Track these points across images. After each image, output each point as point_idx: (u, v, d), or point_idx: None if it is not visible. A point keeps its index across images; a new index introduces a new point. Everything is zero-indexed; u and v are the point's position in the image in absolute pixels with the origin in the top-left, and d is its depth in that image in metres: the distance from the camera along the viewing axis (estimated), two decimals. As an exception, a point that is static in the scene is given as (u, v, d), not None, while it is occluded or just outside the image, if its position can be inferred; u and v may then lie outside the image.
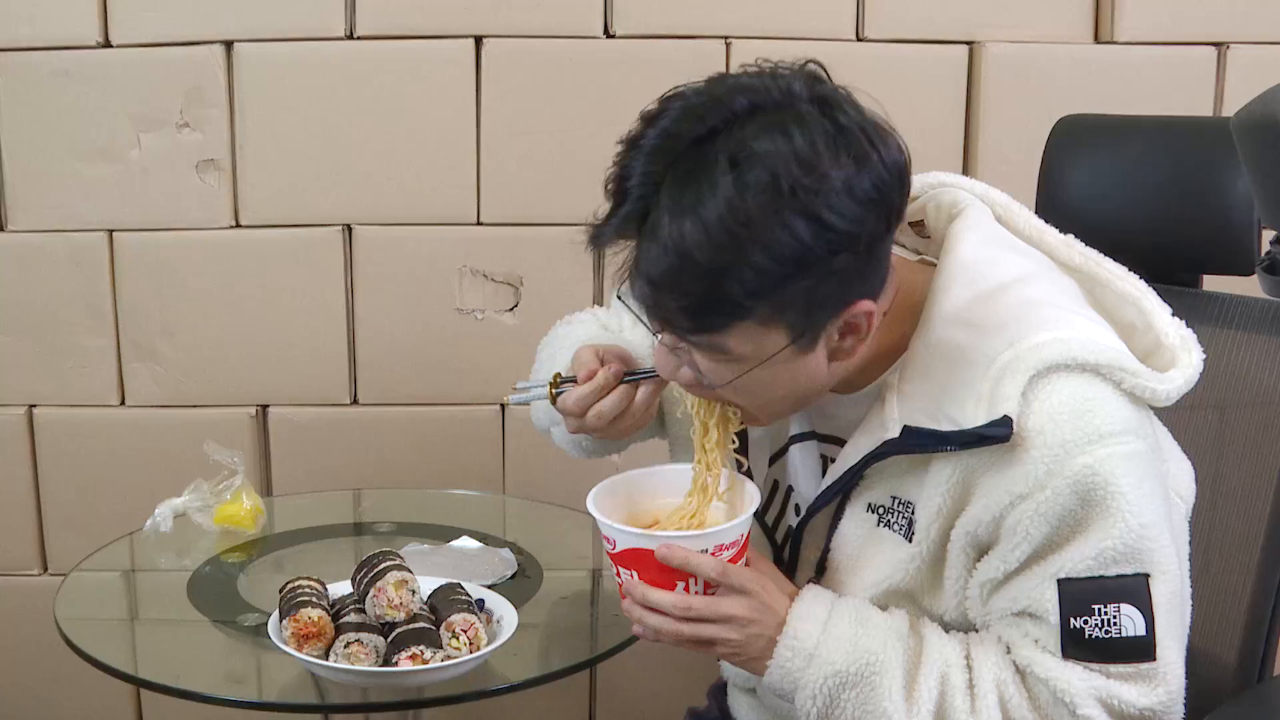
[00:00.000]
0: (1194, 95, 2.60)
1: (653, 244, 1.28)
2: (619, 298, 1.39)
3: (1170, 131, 1.88)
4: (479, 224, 2.61)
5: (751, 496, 1.45)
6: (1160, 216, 1.81)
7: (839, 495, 1.46)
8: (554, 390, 1.54)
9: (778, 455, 1.58)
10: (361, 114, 2.56)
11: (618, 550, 1.41)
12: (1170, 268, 1.53)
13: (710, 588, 1.40)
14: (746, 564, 1.43)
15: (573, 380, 1.53)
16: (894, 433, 1.38)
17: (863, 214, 1.26)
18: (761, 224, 1.24)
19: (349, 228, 2.60)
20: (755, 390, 1.37)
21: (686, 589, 1.39)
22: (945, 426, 1.35)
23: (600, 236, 1.33)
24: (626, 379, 1.52)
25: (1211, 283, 1.87)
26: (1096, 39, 2.62)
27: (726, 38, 2.55)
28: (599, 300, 2.61)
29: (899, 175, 1.30)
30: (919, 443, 1.36)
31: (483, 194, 2.59)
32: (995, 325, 1.36)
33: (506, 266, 2.61)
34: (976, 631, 1.43)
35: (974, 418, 1.33)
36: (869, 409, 1.44)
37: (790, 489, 1.57)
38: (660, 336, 1.38)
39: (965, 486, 1.37)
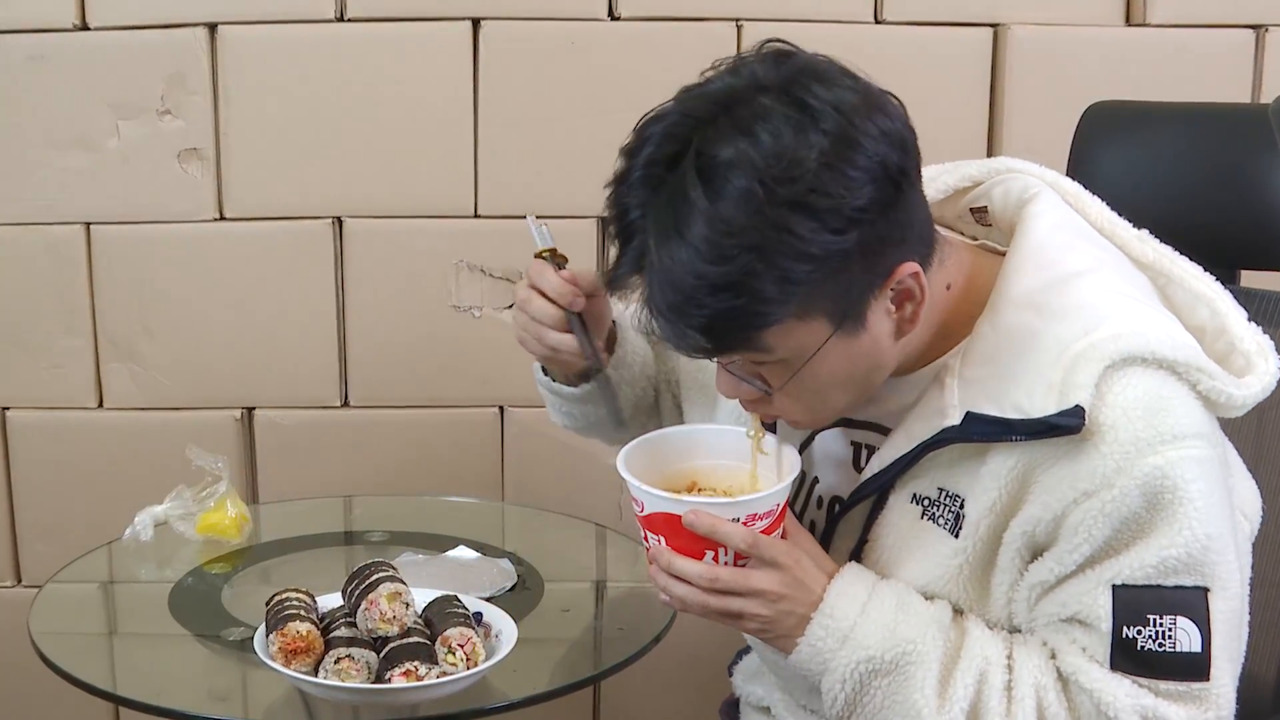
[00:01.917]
0: (1231, 80, 2.59)
1: (651, 276, 1.29)
2: (647, 336, 1.40)
3: (1206, 118, 1.88)
4: (476, 216, 2.61)
5: (791, 464, 1.45)
6: (1195, 208, 1.81)
7: (883, 485, 1.46)
8: (541, 254, 1.64)
9: (805, 443, 1.57)
10: (353, 101, 2.56)
11: (646, 513, 1.41)
12: (1205, 262, 1.53)
13: (741, 558, 1.39)
14: (783, 535, 1.42)
15: (558, 264, 1.63)
16: (954, 419, 1.37)
17: (855, 186, 1.26)
18: (749, 230, 1.24)
19: (339, 220, 2.60)
20: (818, 386, 1.37)
21: (716, 558, 1.39)
22: (1011, 414, 1.34)
23: (616, 280, 1.34)
24: (572, 315, 1.60)
25: (1249, 278, 1.87)
26: (1128, 21, 2.61)
27: (738, 20, 2.55)
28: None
29: (890, 137, 1.29)
30: (983, 431, 1.35)
31: (480, 185, 2.60)
32: (1069, 311, 1.35)
33: (505, 261, 2.61)
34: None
35: (1043, 407, 1.32)
36: (923, 393, 1.43)
37: (815, 479, 1.57)
38: (721, 360, 1.39)
39: (1024, 481, 1.36)
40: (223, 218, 2.59)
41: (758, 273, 1.25)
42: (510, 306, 2.57)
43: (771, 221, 1.24)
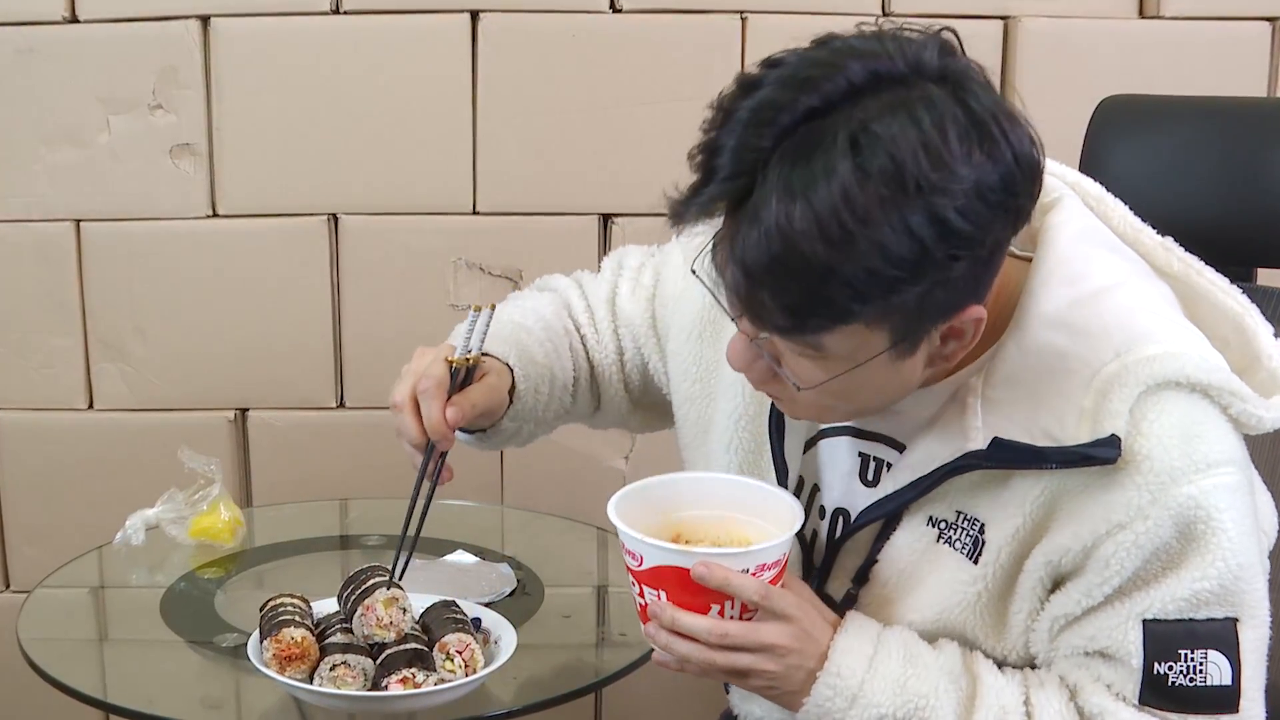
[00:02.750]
0: (1246, 73, 2.59)
1: (753, 229, 1.21)
2: (693, 272, 1.34)
3: (1221, 113, 1.88)
4: (475, 213, 2.61)
5: (794, 512, 1.42)
6: (1210, 204, 1.80)
7: (898, 506, 1.43)
8: (450, 361, 1.57)
9: (808, 446, 1.55)
10: (349, 95, 2.56)
11: (644, 567, 1.38)
12: (1221, 260, 1.53)
13: (746, 612, 1.37)
14: (783, 587, 1.39)
15: (464, 374, 1.56)
16: (978, 443, 1.35)
17: (991, 218, 1.22)
18: (879, 221, 1.18)
19: (335, 217, 2.60)
20: (838, 394, 1.33)
21: (721, 612, 1.36)
22: (1041, 441, 1.32)
23: (685, 212, 1.25)
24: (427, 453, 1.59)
25: (1266, 277, 1.86)
26: (1141, 14, 2.61)
27: (742, 13, 2.55)
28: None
29: (1031, 172, 1.25)
30: (1013, 458, 1.33)
31: (479, 181, 2.60)
32: (1099, 331, 1.33)
33: (505, 259, 2.61)
34: (1036, 668, 1.41)
35: (1075, 434, 1.30)
36: (940, 411, 1.40)
37: (815, 487, 1.55)
38: (739, 324, 1.33)
39: (1050, 509, 1.34)
40: (215, 214, 2.59)
41: (871, 270, 1.20)
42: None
43: (906, 225, 1.18)
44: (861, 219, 1.18)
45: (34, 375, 2.63)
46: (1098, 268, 1.39)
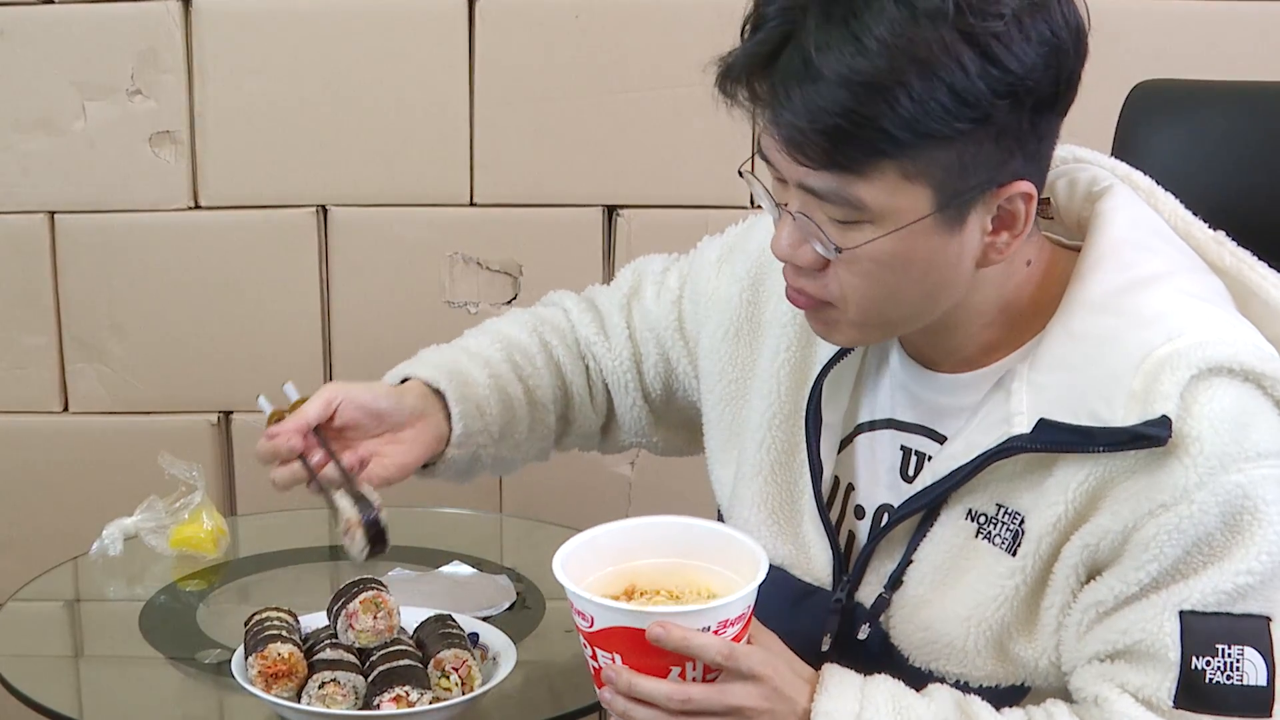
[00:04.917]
0: (1288, 57, 2.59)
1: (796, 55, 1.28)
2: (740, 173, 1.41)
3: (1261, 98, 1.88)
4: (472, 205, 2.61)
5: (757, 562, 1.38)
6: (1251, 194, 1.80)
7: (936, 498, 1.44)
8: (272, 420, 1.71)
9: (844, 443, 1.55)
10: (338, 79, 2.56)
11: (595, 629, 1.35)
12: (1259, 251, 1.53)
13: (711, 671, 1.34)
14: (749, 642, 1.37)
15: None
16: (1023, 428, 1.36)
17: (1033, 60, 1.28)
18: (923, 45, 1.25)
19: (324, 209, 2.60)
20: (882, 271, 1.34)
21: (683, 674, 1.33)
22: (1087, 424, 1.33)
23: (733, 68, 1.32)
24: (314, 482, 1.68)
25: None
26: (1178, -7, 2.62)
27: (754, -8, 2.55)
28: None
29: (1076, 36, 1.34)
30: (1058, 440, 1.34)
31: (476, 171, 2.60)
32: (1151, 316, 1.35)
33: (503, 253, 2.61)
34: (1063, 685, 1.41)
35: (1124, 417, 1.31)
36: (984, 398, 1.42)
37: (850, 486, 1.55)
38: (793, 208, 1.35)
39: (1094, 497, 1.35)
40: (198, 206, 2.59)
41: (909, 86, 1.25)
42: (509, 301, 2.57)
43: (947, 45, 1.25)
44: (904, 46, 1.25)
45: (5, 376, 2.63)
46: (1150, 256, 1.40)
